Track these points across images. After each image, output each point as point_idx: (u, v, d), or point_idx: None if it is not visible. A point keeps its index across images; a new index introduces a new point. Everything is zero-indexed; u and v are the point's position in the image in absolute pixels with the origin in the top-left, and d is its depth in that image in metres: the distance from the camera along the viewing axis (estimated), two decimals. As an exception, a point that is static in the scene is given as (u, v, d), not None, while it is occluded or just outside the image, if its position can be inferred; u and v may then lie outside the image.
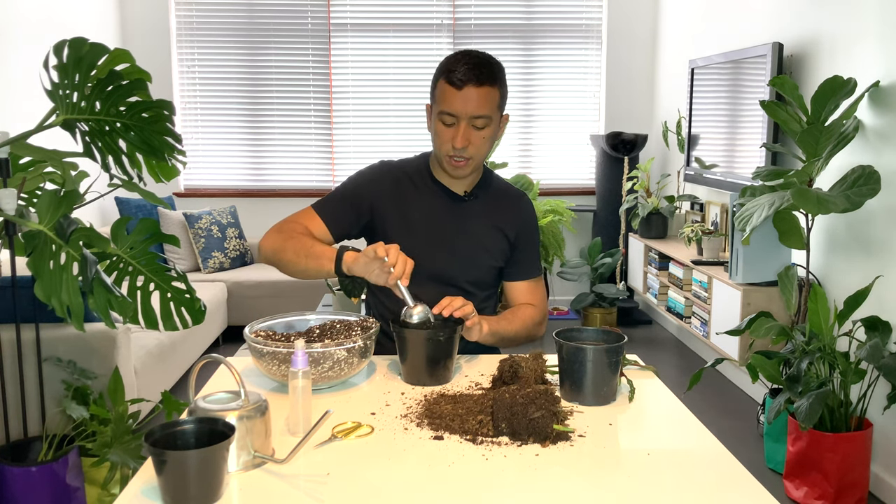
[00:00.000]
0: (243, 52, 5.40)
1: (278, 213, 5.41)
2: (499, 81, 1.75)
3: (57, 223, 1.86)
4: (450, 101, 1.72)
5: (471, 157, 1.77)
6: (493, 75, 1.73)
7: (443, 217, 1.86)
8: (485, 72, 1.71)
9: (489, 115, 1.73)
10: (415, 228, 1.85)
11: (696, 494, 1.12)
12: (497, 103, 1.75)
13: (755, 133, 3.68)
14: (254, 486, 1.13)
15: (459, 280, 1.85)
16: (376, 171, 1.90)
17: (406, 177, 1.89)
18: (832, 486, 2.56)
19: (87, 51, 1.81)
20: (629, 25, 5.42)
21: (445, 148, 1.76)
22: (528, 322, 1.88)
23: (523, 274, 1.93)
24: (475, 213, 1.88)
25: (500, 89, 1.76)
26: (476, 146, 1.76)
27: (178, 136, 1.97)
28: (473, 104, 1.71)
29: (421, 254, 1.81)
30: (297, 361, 1.30)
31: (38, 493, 2.23)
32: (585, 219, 5.51)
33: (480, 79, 1.70)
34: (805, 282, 2.95)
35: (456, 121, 1.73)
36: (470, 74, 1.70)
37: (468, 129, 1.73)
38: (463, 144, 1.73)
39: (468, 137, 1.74)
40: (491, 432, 1.30)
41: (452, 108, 1.72)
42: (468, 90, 1.70)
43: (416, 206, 1.86)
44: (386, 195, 1.87)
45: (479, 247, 1.87)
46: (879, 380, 2.65)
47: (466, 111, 1.71)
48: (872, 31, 2.85)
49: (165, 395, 2.48)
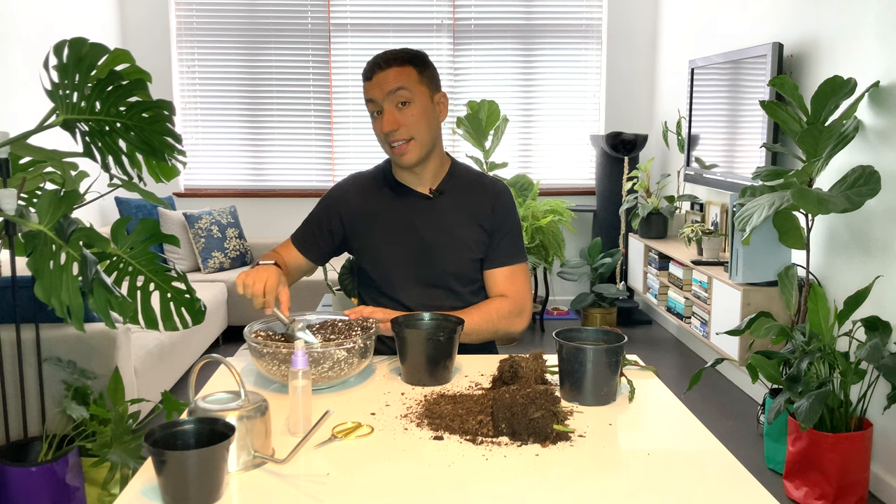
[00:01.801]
0: (243, 52, 5.40)
1: (278, 213, 5.45)
2: (411, 61, 1.78)
3: (57, 223, 1.86)
4: (367, 91, 1.78)
5: (409, 137, 1.78)
6: (401, 58, 1.77)
7: (413, 218, 1.86)
8: (391, 57, 1.77)
9: (406, 87, 1.75)
10: (386, 233, 1.86)
11: (696, 494, 1.12)
12: (416, 79, 1.77)
13: (755, 133, 3.68)
14: (254, 486, 1.13)
15: (442, 278, 1.85)
16: (343, 185, 1.95)
17: (371, 184, 1.92)
18: (832, 486, 2.56)
19: (87, 51, 1.81)
20: (629, 25, 5.42)
21: (382, 139, 1.80)
22: (492, 314, 1.82)
23: (498, 261, 1.88)
24: (446, 208, 1.87)
25: (416, 67, 1.78)
26: (409, 126, 1.77)
27: (178, 136, 1.97)
28: (386, 83, 1.75)
29: (399, 258, 1.83)
30: (297, 361, 1.30)
31: (38, 493, 2.23)
32: (585, 219, 5.51)
33: (387, 62, 1.76)
34: (805, 282, 2.95)
35: (379, 107, 1.77)
36: (375, 63, 1.77)
37: (392, 111, 1.76)
38: (391, 126, 1.76)
39: (394, 118, 1.76)
40: (491, 432, 1.30)
41: (370, 95, 1.77)
42: (378, 75, 1.76)
43: (384, 211, 1.88)
44: (352, 207, 1.90)
45: (455, 242, 1.86)
46: (879, 380, 2.65)
47: (382, 92, 1.75)
48: (872, 31, 2.85)
49: (165, 395, 2.48)
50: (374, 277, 1.89)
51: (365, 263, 1.91)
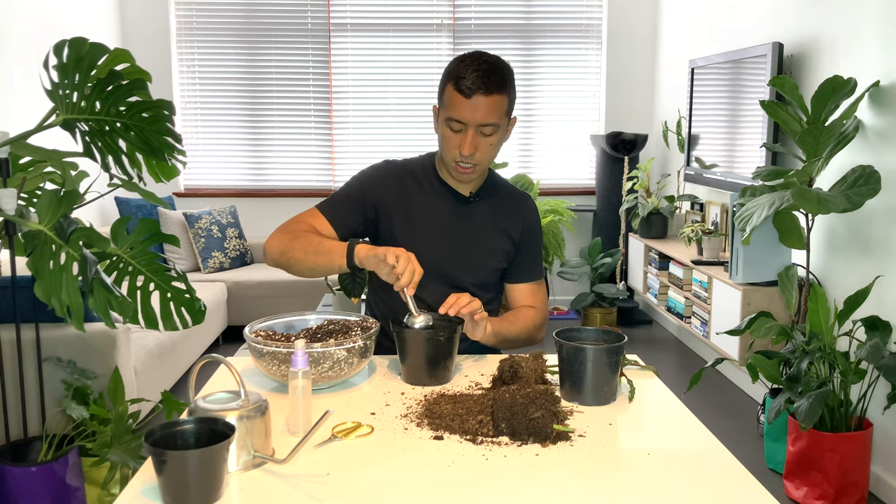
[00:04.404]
0: (243, 52, 5.40)
1: (278, 212, 5.45)
2: (507, 88, 1.72)
3: (57, 223, 1.86)
4: (458, 108, 1.69)
5: (478, 163, 1.76)
6: (502, 82, 1.70)
7: (448, 218, 1.86)
8: (494, 80, 1.68)
9: (497, 123, 1.72)
10: (419, 229, 1.84)
11: (696, 494, 1.12)
12: (505, 110, 1.74)
13: (755, 133, 3.68)
14: (254, 486, 1.13)
15: (464, 281, 1.85)
16: (381, 170, 1.88)
17: (411, 177, 1.87)
18: (832, 486, 2.56)
19: (87, 51, 1.81)
20: (629, 25, 5.42)
21: (453, 154, 1.75)
22: (528, 325, 1.87)
23: (525, 276, 1.93)
24: (480, 214, 1.88)
25: (509, 95, 1.74)
26: (483, 152, 1.75)
27: (178, 136, 1.97)
28: (482, 113, 1.69)
29: (426, 254, 1.80)
30: (297, 361, 1.30)
31: (38, 493, 2.23)
32: (585, 219, 5.51)
33: (489, 87, 1.67)
34: (805, 282, 2.94)
35: (464, 128, 1.71)
36: (479, 83, 1.67)
37: (476, 137, 1.72)
38: (470, 152, 1.72)
39: (476, 145, 1.72)
40: (491, 432, 1.30)
41: (461, 116, 1.70)
42: (477, 99, 1.68)
43: (421, 206, 1.85)
44: (391, 195, 1.85)
45: (484, 248, 1.87)
46: (879, 380, 2.65)
47: (475, 119, 1.69)
48: (872, 31, 2.85)
49: (165, 395, 2.48)
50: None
51: None
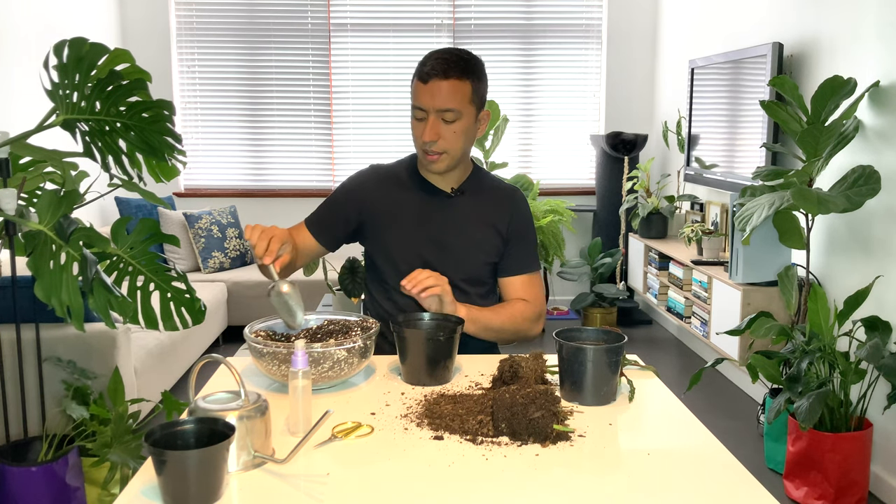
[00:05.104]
0: (243, 52, 5.40)
1: (278, 212, 5.45)
2: (470, 75, 1.74)
3: (57, 223, 1.86)
4: (418, 95, 1.74)
5: (444, 150, 1.77)
6: (462, 69, 1.73)
7: (431, 214, 1.87)
8: (452, 65, 1.72)
9: (457, 109, 1.74)
10: (403, 226, 1.86)
11: (696, 494, 1.12)
12: (468, 97, 1.75)
13: (755, 133, 3.68)
14: (254, 486, 1.13)
15: (452, 277, 1.85)
16: (363, 175, 1.93)
17: (393, 177, 1.91)
18: (832, 486, 2.56)
19: (87, 51, 1.81)
20: (629, 25, 5.42)
21: (418, 143, 1.79)
22: (516, 316, 1.86)
23: (516, 269, 1.92)
24: (465, 209, 1.88)
25: (473, 83, 1.75)
26: (448, 140, 1.76)
27: (178, 136, 1.97)
28: (440, 98, 1.72)
29: (408, 249, 1.82)
30: (297, 361, 1.30)
31: (38, 493, 2.23)
32: (585, 219, 5.51)
33: (447, 72, 1.71)
34: (805, 282, 2.94)
35: (425, 115, 1.74)
36: (437, 68, 1.71)
37: (437, 123, 1.74)
38: (431, 138, 1.74)
39: (437, 131, 1.74)
40: (491, 432, 1.30)
41: (420, 102, 1.74)
42: (434, 83, 1.72)
43: (401, 203, 1.88)
44: (372, 197, 1.88)
45: (471, 243, 1.87)
46: (879, 380, 2.65)
47: (434, 104, 1.73)
48: (872, 31, 2.85)
49: (165, 395, 2.48)
50: (385, 270, 1.89)
51: (377, 255, 1.91)
